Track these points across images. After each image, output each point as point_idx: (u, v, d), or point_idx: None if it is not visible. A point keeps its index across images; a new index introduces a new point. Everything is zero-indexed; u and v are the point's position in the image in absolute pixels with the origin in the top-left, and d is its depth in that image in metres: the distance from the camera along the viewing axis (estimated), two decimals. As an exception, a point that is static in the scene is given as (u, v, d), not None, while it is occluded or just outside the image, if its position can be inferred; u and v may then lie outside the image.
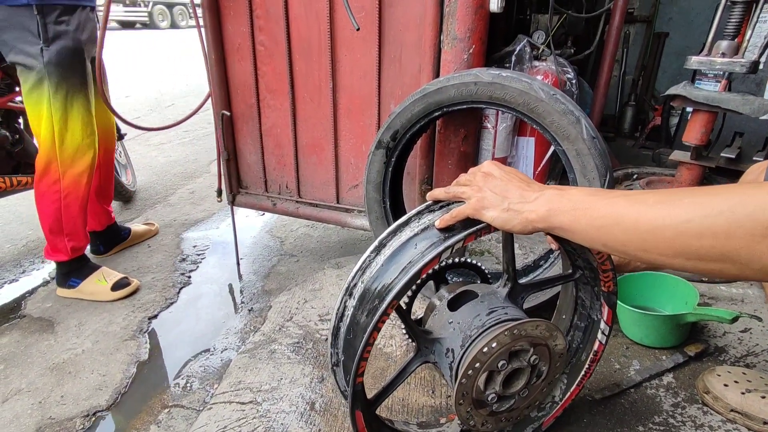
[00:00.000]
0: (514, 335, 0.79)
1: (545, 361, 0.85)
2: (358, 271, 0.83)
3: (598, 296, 0.97)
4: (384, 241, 0.82)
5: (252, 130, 1.89)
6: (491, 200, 0.71)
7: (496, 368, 0.81)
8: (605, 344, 0.99)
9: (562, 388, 1.01)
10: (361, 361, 0.77)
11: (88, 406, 1.24)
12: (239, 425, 1.10)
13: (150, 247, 2.16)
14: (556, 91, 1.18)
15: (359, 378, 0.80)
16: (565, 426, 1.04)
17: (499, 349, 0.79)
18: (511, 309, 0.85)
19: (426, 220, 0.82)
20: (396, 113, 1.34)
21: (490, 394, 0.83)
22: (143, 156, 3.52)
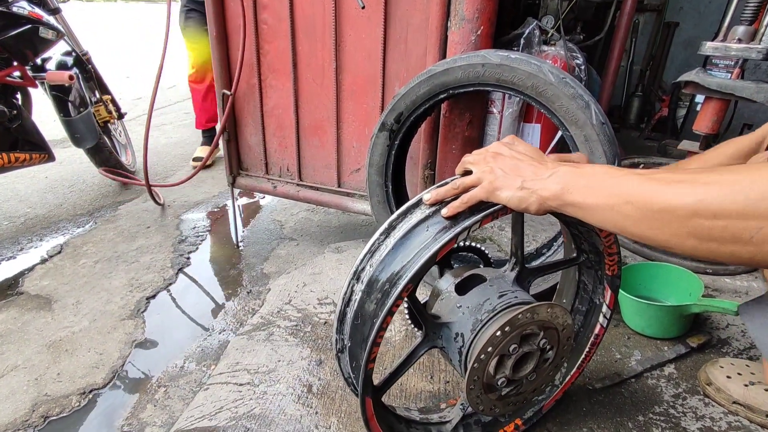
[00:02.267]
0: (527, 319, 0.77)
1: (554, 345, 0.83)
2: (366, 254, 0.80)
3: (601, 280, 0.96)
4: (394, 224, 0.80)
5: (253, 110, 1.85)
6: (504, 180, 0.68)
7: (507, 352, 0.79)
8: (606, 328, 0.98)
9: (561, 371, 1.01)
10: (374, 346, 0.75)
11: (84, 384, 1.23)
12: (235, 406, 1.09)
13: (149, 228, 2.15)
14: (565, 74, 1.15)
15: (371, 364, 0.78)
16: (564, 414, 1.03)
17: (512, 333, 0.77)
18: (520, 293, 0.83)
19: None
20: (401, 95, 1.31)
21: (500, 378, 0.81)
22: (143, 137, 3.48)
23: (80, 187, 2.59)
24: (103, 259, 1.86)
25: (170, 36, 1.90)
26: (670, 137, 2.63)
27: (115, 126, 2.70)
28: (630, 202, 0.55)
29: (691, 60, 2.91)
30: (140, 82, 5.36)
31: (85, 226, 2.15)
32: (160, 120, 3.93)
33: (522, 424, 0.99)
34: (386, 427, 0.89)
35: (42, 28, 1.93)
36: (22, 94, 2.05)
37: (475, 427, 0.98)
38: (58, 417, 1.15)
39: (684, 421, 1.01)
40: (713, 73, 1.28)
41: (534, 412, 1.00)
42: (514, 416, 1.00)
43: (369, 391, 0.80)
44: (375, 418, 0.84)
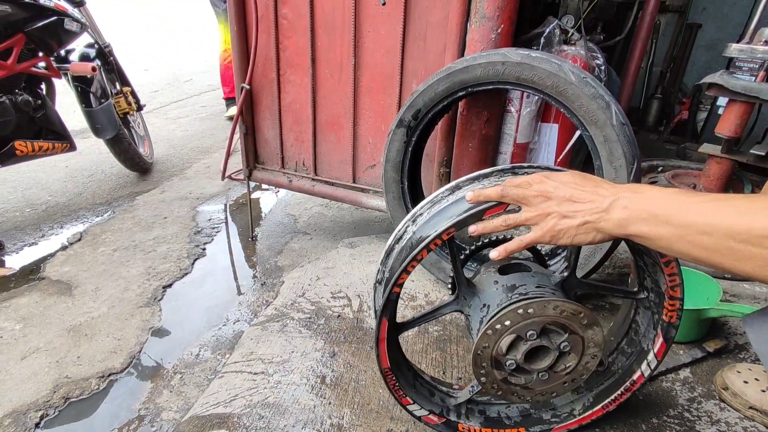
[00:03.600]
0: (552, 312, 0.77)
1: (575, 354, 0.83)
2: (427, 204, 0.86)
3: (656, 325, 0.91)
4: (460, 184, 0.84)
5: (271, 105, 1.87)
6: (563, 227, 0.64)
7: (524, 335, 0.80)
8: (647, 378, 0.93)
9: (585, 404, 0.98)
10: (403, 273, 0.80)
11: (103, 368, 1.27)
12: (250, 394, 1.11)
13: (166, 219, 2.18)
14: (586, 74, 1.14)
15: (396, 288, 0.82)
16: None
17: (534, 317, 0.78)
18: (560, 293, 0.83)
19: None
20: (419, 92, 1.32)
21: (509, 359, 0.82)
22: (161, 129, 3.53)
23: (99, 176, 2.64)
24: (121, 247, 1.89)
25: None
26: (689, 140, 2.60)
27: (134, 118, 2.74)
28: (706, 232, 0.51)
29: (712, 63, 2.86)
30: (158, 76, 5.42)
31: (103, 215, 2.20)
32: (176, 113, 3.98)
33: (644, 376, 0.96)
34: (393, 362, 0.93)
35: (67, 20, 1.97)
36: (46, 85, 2.09)
37: (478, 415, 0.99)
38: (78, 399, 1.18)
39: (699, 425, 1.00)
40: (737, 75, 1.26)
41: (541, 430, 0.99)
42: (518, 424, 1.00)
43: (387, 312, 0.85)
44: (385, 342, 0.88)
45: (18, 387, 1.19)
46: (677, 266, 0.83)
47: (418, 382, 0.99)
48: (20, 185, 2.47)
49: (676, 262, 0.82)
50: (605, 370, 0.98)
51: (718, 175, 1.54)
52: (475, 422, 0.98)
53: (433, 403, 0.98)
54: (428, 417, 0.96)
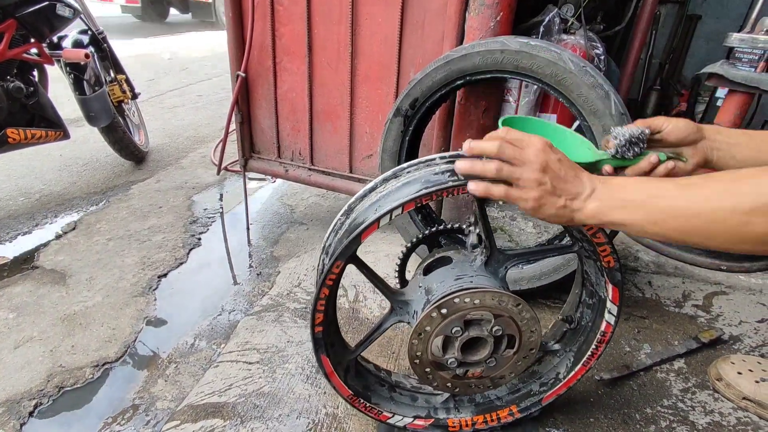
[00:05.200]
0: (467, 304, 0.77)
1: (513, 334, 0.83)
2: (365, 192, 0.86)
3: (602, 272, 0.92)
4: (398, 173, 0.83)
5: (267, 93, 1.85)
6: (548, 199, 0.65)
7: (450, 333, 0.80)
8: (614, 326, 0.94)
9: (567, 365, 0.99)
10: (316, 313, 0.82)
11: (97, 357, 1.26)
12: (245, 383, 1.10)
13: (161, 208, 2.16)
14: (586, 63, 1.13)
15: (317, 328, 0.85)
16: (571, 404, 1.03)
17: (450, 316, 0.78)
18: (480, 278, 0.82)
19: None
20: (417, 80, 1.30)
21: (449, 358, 0.83)
22: (156, 118, 3.50)
23: (94, 165, 2.61)
24: (116, 237, 1.88)
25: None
26: (687, 133, 2.59)
27: (129, 106, 2.71)
28: (676, 216, 0.55)
29: (712, 54, 2.84)
30: (153, 63, 5.36)
31: (98, 204, 2.18)
32: (172, 102, 3.95)
33: (518, 412, 0.99)
34: (360, 384, 0.94)
35: (59, 5, 1.93)
36: (38, 72, 2.06)
37: (468, 404, 1.00)
38: (72, 388, 1.17)
39: (692, 415, 1.01)
40: (738, 66, 1.25)
41: (532, 402, 0.99)
42: (510, 402, 1.00)
43: (322, 349, 0.87)
44: (335, 375, 0.90)
45: (11, 376, 1.19)
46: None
47: (396, 393, 0.99)
48: (14, 174, 2.44)
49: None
50: (576, 327, 0.98)
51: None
52: (466, 413, 0.98)
53: (417, 408, 0.98)
54: (414, 423, 0.96)
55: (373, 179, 0.87)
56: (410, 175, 0.81)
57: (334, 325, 0.95)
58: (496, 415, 0.99)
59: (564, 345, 0.99)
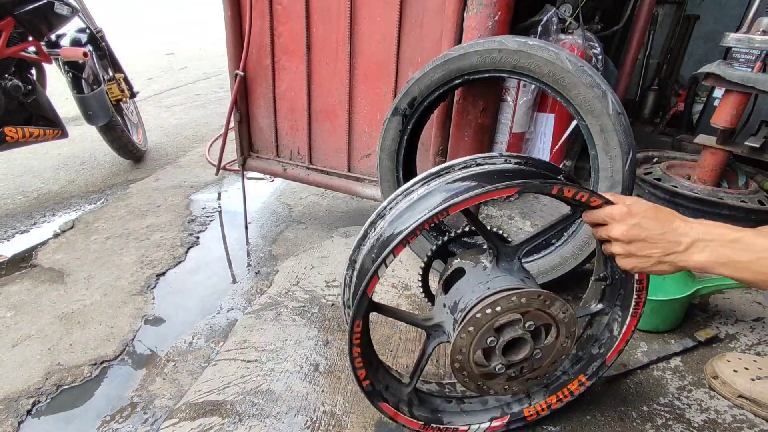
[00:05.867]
0: (488, 315, 0.78)
1: (547, 322, 0.83)
2: (400, 194, 0.86)
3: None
4: (411, 189, 0.85)
5: (265, 92, 1.85)
6: (639, 265, 0.75)
7: (486, 345, 0.81)
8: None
9: (618, 320, 0.98)
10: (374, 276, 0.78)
11: (95, 355, 1.26)
12: (243, 382, 1.11)
13: (159, 207, 2.16)
14: (583, 62, 1.13)
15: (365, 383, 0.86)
16: (568, 404, 1.03)
17: (480, 330, 0.79)
18: (495, 281, 0.83)
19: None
20: (415, 79, 1.30)
21: (496, 365, 0.83)
22: (155, 117, 3.50)
23: (92, 164, 2.61)
24: (114, 235, 1.88)
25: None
26: (685, 133, 2.59)
27: (128, 105, 2.71)
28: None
29: (710, 55, 2.85)
30: (152, 63, 5.36)
31: (96, 203, 2.18)
32: (170, 101, 3.94)
33: (587, 380, 0.99)
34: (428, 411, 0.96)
35: (58, 3, 1.93)
36: (36, 70, 2.06)
37: (538, 389, 1.01)
38: (71, 386, 1.17)
39: (688, 413, 1.01)
40: (735, 66, 1.26)
41: (598, 366, 0.99)
42: (577, 373, 1.00)
43: (378, 399, 0.88)
44: (400, 414, 0.90)
45: (9, 374, 1.19)
46: None
47: (465, 403, 1.01)
48: (11, 172, 2.44)
49: None
50: (612, 282, 0.97)
51: (713, 166, 1.55)
52: (538, 398, 1.00)
53: (490, 410, 1.00)
54: (492, 427, 0.98)
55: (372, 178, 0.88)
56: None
57: (382, 367, 0.95)
58: (568, 390, 1.00)
59: (607, 303, 0.99)
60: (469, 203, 0.74)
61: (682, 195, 1.55)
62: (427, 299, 1.05)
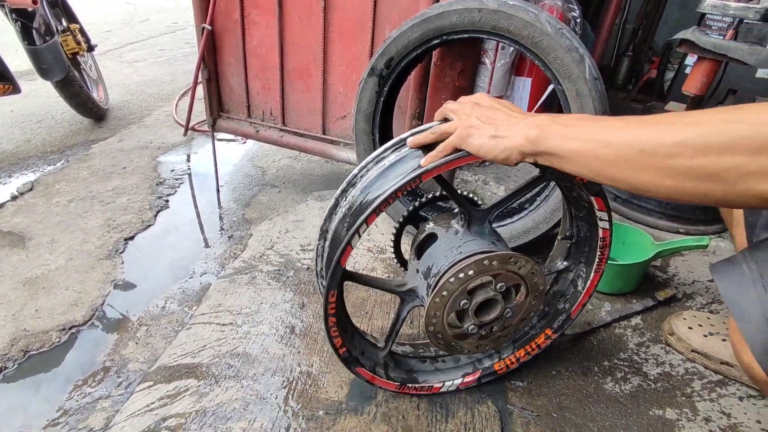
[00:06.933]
0: (460, 279, 0.80)
1: (518, 282, 0.86)
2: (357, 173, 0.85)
3: (579, 188, 0.91)
4: (381, 155, 0.82)
5: (235, 48, 1.76)
6: (477, 128, 0.67)
7: (459, 308, 0.83)
8: (610, 229, 0.94)
9: (582, 276, 1.02)
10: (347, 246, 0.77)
11: (63, 321, 1.23)
12: (218, 344, 1.11)
13: (125, 169, 2.08)
14: (563, 25, 1.12)
15: (341, 350, 0.88)
16: (535, 360, 1.08)
17: (451, 296, 0.81)
18: (467, 245, 0.84)
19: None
20: (392, 38, 1.26)
21: (468, 326, 0.86)
22: (116, 72, 3.30)
23: (49, 122, 2.46)
24: (77, 198, 1.80)
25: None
26: (656, 100, 2.64)
27: (85, 59, 2.54)
28: (609, 144, 0.55)
29: (683, 21, 2.87)
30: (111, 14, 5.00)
31: (56, 164, 2.07)
32: (132, 56, 3.72)
33: (553, 333, 1.03)
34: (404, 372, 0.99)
35: (-1, -58, 1.75)
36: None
37: (507, 345, 1.05)
38: (39, 352, 1.15)
39: (645, 367, 1.08)
40: (708, 33, 1.27)
41: (563, 319, 1.04)
42: (543, 327, 1.04)
43: (355, 365, 0.91)
44: (377, 377, 0.94)
45: (-28, 340, 1.15)
46: None
47: (439, 362, 1.04)
48: (-41, 130, 2.28)
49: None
50: (577, 241, 1.01)
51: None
52: (507, 352, 1.04)
53: (462, 367, 1.04)
54: (464, 382, 1.01)
55: (348, 140, 0.86)
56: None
57: (357, 333, 0.96)
58: (535, 344, 1.04)
59: (572, 260, 1.03)
60: (442, 170, 0.73)
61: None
62: (399, 264, 1.06)
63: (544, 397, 1.00)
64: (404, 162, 0.78)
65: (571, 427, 0.94)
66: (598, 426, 0.94)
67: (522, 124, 0.65)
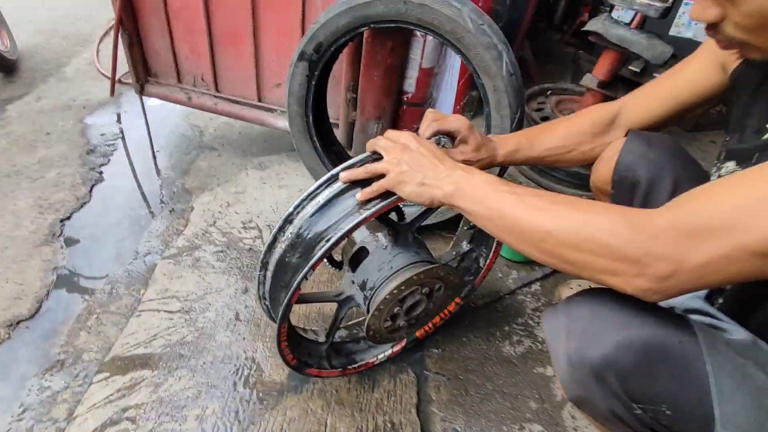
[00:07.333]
0: (394, 294, 0.93)
1: (439, 283, 1.00)
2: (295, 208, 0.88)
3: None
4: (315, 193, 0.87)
5: (156, 10, 1.65)
6: (408, 175, 0.76)
7: (393, 313, 0.97)
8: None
9: (483, 256, 1.19)
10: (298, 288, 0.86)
11: (9, 316, 1.26)
12: (168, 333, 1.20)
13: (49, 135, 1.97)
14: (484, 20, 1.15)
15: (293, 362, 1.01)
16: (451, 327, 1.26)
17: (388, 306, 0.95)
18: (396, 259, 0.96)
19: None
20: (320, 24, 1.24)
21: (400, 322, 1.01)
22: (17, 8, 2.91)
23: (-50, 78, 2.23)
24: (0, 175, 1.72)
25: None
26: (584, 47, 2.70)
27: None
28: (503, 218, 0.67)
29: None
30: None
31: (-32, 132, 1.92)
32: (36, -18, 3.26)
33: (461, 300, 1.22)
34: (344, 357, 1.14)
35: None
36: None
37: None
38: (-11, 349, 1.19)
39: (537, 330, 1.30)
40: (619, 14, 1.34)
41: (468, 289, 1.22)
42: (452, 298, 1.18)
43: (305, 367, 1.04)
44: (324, 370, 1.09)
45: None
46: None
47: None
48: None
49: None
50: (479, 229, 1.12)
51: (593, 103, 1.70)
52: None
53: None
54: (393, 352, 1.17)
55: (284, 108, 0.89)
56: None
57: (303, 339, 1.07)
58: (447, 311, 1.21)
59: (474, 244, 1.20)
60: (380, 212, 0.81)
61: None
62: (331, 265, 1.12)
63: (454, 362, 1.20)
64: (341, 201, 0.83)
65: (472, 387, 1.15)
66: (493, 384, 1.16)
67: (443, 176, 0.74)
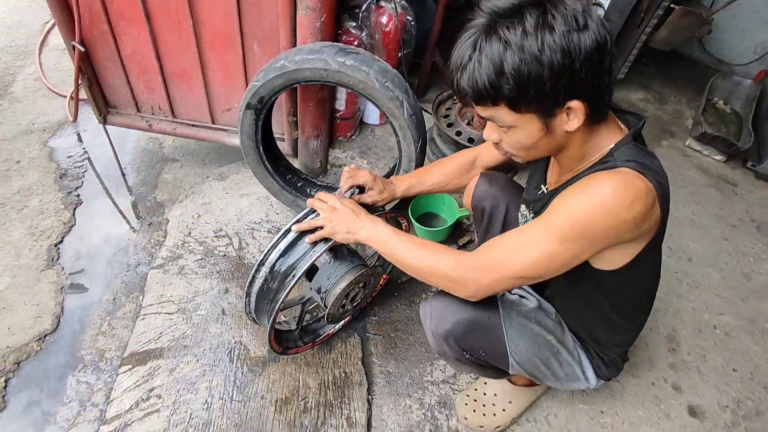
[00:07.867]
0: (341, 294, 1.35)
1: (372, 277, 1.44)
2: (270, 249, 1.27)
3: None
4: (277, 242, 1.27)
5: (111, 56, 1.87)
6: (338, 227, 1.19)
7: (342, 304, 1.40)
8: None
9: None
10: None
11: (36, 332, 1.59)
12: (171, 331, 1.59)
13: (19, 163, 2.17)
14: (387, 78, 1.52)
15: (278, 348, 1.42)
16: (384, 297, 1.72)
17: (338, 303, 1.37)
18: (338, 269, 1.36)
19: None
20: (260, 83, 1.56)
21: (347, 308, 1.45)
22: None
23: None
24: (-12, 208, 1.95)
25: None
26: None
27: None
28: (394, 256, 1.11)
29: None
30: None
31: (-58, 167, 2.09)
32: (-46, -14, 3.18)
33: (386, 275, 1.67)
34: (311, 332, 1.58)
35: None
36: None
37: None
38: (28, 360, 1.53)
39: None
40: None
41: (392, 267, 1.67)
42: (384, 272, 1.65)
43: (287, 351, 1.47)
44: (299, 348, 1.51)
45: (-33, 362, 1.49)
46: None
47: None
48: None
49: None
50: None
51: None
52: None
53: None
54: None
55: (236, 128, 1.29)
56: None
57: (283, 333, 1.50)
58: (379, 285, 1.67)
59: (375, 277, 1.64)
60: (324, 252, 1.23)
61: (462, 144, 2.05)
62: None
63: (387, 324, 1.68)
64: (295, 249, 1.24)
65: (400, 341, 1.63)
66: (414, 338, 1.64)
67: (360, 226, 1.16)
